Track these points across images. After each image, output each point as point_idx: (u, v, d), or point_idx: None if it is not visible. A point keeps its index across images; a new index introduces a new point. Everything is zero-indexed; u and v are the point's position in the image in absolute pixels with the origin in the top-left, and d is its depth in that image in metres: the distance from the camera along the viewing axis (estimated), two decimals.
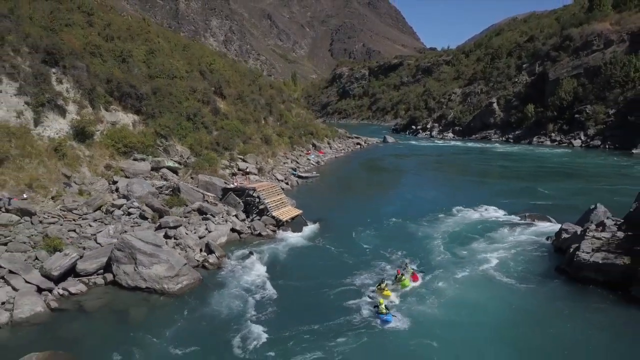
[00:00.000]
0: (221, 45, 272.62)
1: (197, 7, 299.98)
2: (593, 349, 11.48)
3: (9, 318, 12.56)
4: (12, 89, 21.22)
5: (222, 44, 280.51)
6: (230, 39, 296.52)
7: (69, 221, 17.49)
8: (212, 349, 11.51)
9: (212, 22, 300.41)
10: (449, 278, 15.49)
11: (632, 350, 11.39)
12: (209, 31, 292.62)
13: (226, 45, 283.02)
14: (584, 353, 11.28)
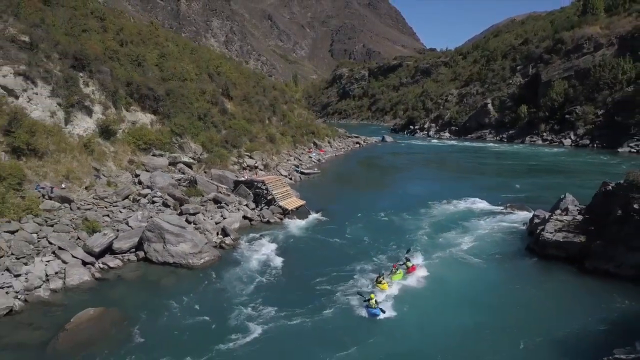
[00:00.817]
0: (222, 45, 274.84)
1: (198, 7, 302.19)
2: (552, 309, 13.85)
3: (62, 284, 15.01)
4: (46, 91, 23.69)
5: (223, 44, 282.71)
6: (231, 39, 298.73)
7: (102, 208, 19.96)
8: (227, 312, 13.65)
9: (213, 22, 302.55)
10: (435, 262, 17.46)
11: (581, 309, 13.78)
12: (210, 32, 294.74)
13: (227, 45, 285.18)
14: (545, 313, 13.63)
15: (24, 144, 19.77)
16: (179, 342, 11.96)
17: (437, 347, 11.71)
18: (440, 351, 11.46)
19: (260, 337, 12.16)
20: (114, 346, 11.77)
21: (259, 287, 15.69)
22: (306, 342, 11.97)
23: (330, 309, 13.83)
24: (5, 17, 24.64)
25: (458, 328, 12.65)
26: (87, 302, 13.83)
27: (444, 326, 12.85)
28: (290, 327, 12.73)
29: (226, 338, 12.01)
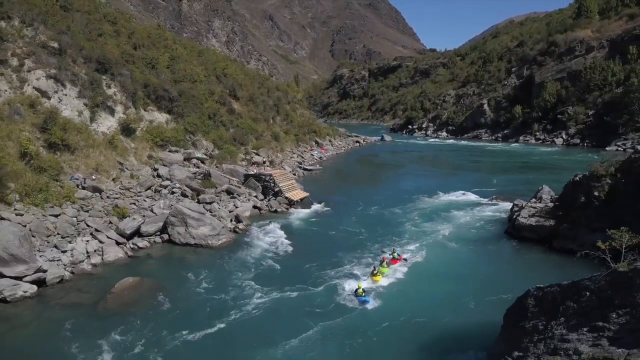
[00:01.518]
0: (223, 46, 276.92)
1: (199, 8, 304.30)
2: (522, 280, 16.19)
3: (101, 260, 17.43)
4: (74, 92, 26.14)
5: (224, 44, 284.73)
6: (232, 40, 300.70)
7: (128, 197, 22.40)
8: (238, 286, 15.74)
9: (214, 23, 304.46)
10: (422, 246, 19.66)
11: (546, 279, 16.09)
12: (211, 32, 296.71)
13: (228, 46, 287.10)
14: (516, 284, 15.94)
15: (59, 140, 22.21)
16: (199, 307, 14.21)
17: (415, 313, 13.63)
18: (418, 315, 13.57)
19: (263, 306, 14.09)
20: (149, 308, 14.13)
21: (267, 266, 18.00)
22: (299, 313, 13.69)
23: (325, 287, 15.55)
24: (36, 25, 27.06)
25: (436, 297, 14.82)
26: (123, 274, 16.22)
27: (423, 297, 14.92)
28: (289, 300, 14.58)
29: (236, 306, 14.11)
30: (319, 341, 12.03)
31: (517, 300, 9.13)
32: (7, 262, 14.66)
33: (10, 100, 22.39)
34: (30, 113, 22.87)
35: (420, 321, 13.10)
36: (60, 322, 13.22)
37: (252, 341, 12.02)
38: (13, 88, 23.34)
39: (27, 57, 25.05)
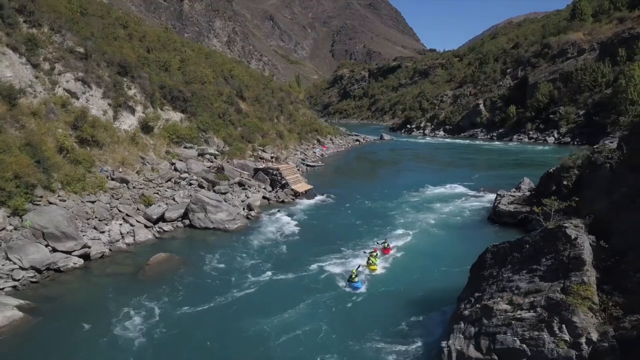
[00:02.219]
0: (224, 46, 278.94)
1: (200, 8, 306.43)
2: None
3: (133, 240, 20.00)
4: (99, 93, 28.72)
5: (225, 44, 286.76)
6: (233, 40, 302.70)
7: (151, 187, 24.98)
8: (251, 263, 18.19)
9: (215, 23, 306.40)
10: (414, 234, 21.69)
11: None
12: (212, 32, 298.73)
13: (229, 46, 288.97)
14: None
15: (89, 136, 24.79)
16: (217, 279, 16.61)
17: (403, 285, 16.00)
18: (405, 286, 16.00)
19: (270, 281, 16.29)
20: (178, 277, 16.63)
21: (275, 248, 20.38)
22: (301, 289, 15.66)
23: (325, 268, 17.57)
24: (63, 32, 29.65)
25: (422, 272, 16.91)
26: (154, 251, 18.78)
27: (411, 273, 17.11)
28: (293, 278, 16.67)
29: (247, 280, 16.29)
30: (313, 311, 13.95)
31: (479, 256, 11.72)
32: (59, 238, 17.27)
33: (45, 100, 24.97)
34: (62, 112, 25.46)
35: (406, 290, 15.49)
36: (106, 287, 15.84)
37: (258, 309, 14.09)
38: (46, 90, 25.91)
39: (57, 61, 27.60)
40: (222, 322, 13.21)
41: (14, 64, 24.80)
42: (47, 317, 13.49)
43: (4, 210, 17.43)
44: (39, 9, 29.22)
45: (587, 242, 9.40)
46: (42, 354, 11.70)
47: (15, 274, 15.32)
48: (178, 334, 12.56)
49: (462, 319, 10.50)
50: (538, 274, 9.62)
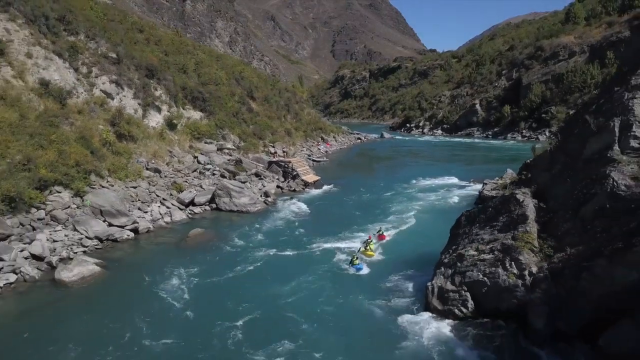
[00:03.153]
0: (226, 46, 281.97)
1: (202, 9, 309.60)
2: None
3: (170, 219, 23.50)
4: (130, 94, 32.23)
5: (227, 45, 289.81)
6: (234, 40, 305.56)
7: (180, 176, 28.49)
8: (270, 240, 21.63)
9: (217, 23, 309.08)
10: (408, 217, 25.35)
11: None
12: (214, 32, 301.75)
13: (231, 46, 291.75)
14: None
15: (126, 132, 28.31)
16: (241, 251, 19.72)
17: (397, 258, 19.81)
18: (398, 259, 19.60)
19: (285, 256, 19.10)
20: (213, 248, 20.05)
21: (289, 227, 23.73)
22: (309, 264, 18.17)
23: (330, 246, 20.38)
24: (97, 39, 33.18)
25: (413, 248, 20.05)
26: (189, 228, 22.32)
27: (404, 250, 20.26)
28: (304, 254, 19.37)
29: (266, 254, 19.20)
30: (321, 277, 16.83)
31: (456, 220, 15.23)
32: (114, 215, 20.81)
33: (87, 100, 28.50)
34: (101, 110, 28.98)
35: (400, 260, 18.42)
36: (156, 253, 19.38)
37: (274, 275, 16.88)
38: (86, 91, 29.43)
39: (94, 65, 31.12)
40: (245, 283, 16.21)
41: (59, 68, 28.32)
42: (115, 271, 17.03)
43: (69, 191, 20.96)
44: (75, 18, 32.80)
45: (531, 204, 12.91)
46: (116, 293, 15.28)
47: (84, 242, 18.84)
48: (211, 289, 15.69)
49: (442, 265, 14.03)
50: (497, 228, 13.15)
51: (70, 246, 18.29)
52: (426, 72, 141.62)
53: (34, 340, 12.14)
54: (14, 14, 28.19)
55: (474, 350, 11.93)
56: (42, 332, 12.59)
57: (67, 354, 11.51)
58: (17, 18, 28.11)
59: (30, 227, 18.31)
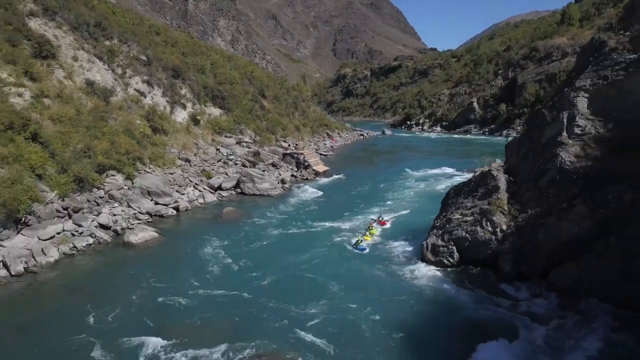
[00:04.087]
0: (228, 45, 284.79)
1: (205, 7, 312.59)
2: None
3: (203, 201, 27.29)
4: (159, 92, 36.01)
5: (229, 43, 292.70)
6: (237, 38, 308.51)
7: (208, 165, 32.30)
8: (289, 218, 25.47)
9: (219, 22, 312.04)
10: (407, 201, 29.50)
11: None
12: (216, 31, 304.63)
13: (233, 45, 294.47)
14: None
15: (159, 126, 32.10)
16: (265, 225, 23.43)
17: (396, 235, 23.69)
18: (397, 231, 23.50)
19: (300, 232, 22.71)
20: (243, 223, 23.77)
21: (304, 209, 27.37)
22: (320, 240, 21.62)
23: (338, 225, 24.02)
24: (129, 43, 36.94)
25: (410, 224, 24.15)
26: (221, 208, 26.13)
27: (401, 227, 24.29)
28: (317, 232, 22.88)
29: (287, 228, 23.07)
30: (330, 250, 20.60)
31: (446, 193, 19.02)
32: (159, 195, 24.64)
33: (124, 98, 32.29)
34: (136, 107, 32.77)
35: (399, 236, 22.45)
36: (197, 225, 23.19)
37: (292, 247, 20.17)
38: (122, 90, 33.20)
39: (127, 67, 34.91)
40: (271, 251, 19.66)
41: (100, 70, 32.11)
42: (168, 237, 20.86)
43: (121, 175, 24.78)
44: (109, 24, 36.59)
45: (503, 178, 16.71)
46: (171, 253, 19.10)
47: (138, 216, 22.67)
48: (244, 254, 19.14)
49: (435, 228, 17.85)
50: (477, 197, 16.96)
51: (127, 219, 22.10)
52: (426, 71, 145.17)
53: (112, 284, 15.92)
54: (60, 22, 31.97)
55: (458, 288, 15.73)
56: (118, 279, 16.39)
57: (138, 293, 15.15)
58: (62, 25, 31.89)
59: (95, 203, 22.12)
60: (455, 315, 14.11)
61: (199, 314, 13.73)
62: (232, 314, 13.77)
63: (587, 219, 14.22)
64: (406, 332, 13.01)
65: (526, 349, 12.42)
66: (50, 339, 12.13)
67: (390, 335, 12.85)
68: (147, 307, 14.09)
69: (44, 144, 21.93)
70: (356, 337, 12.72)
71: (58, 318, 13.35)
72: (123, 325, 12.89)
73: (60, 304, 14.35)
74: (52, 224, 18.86)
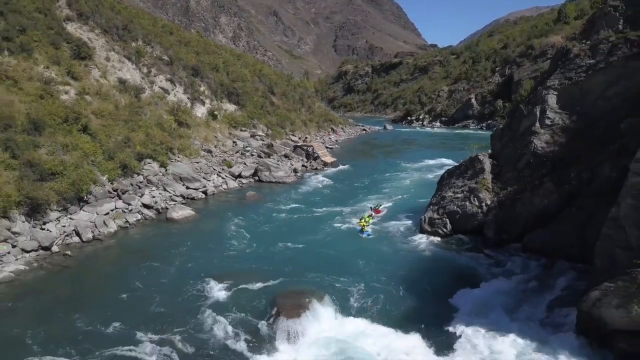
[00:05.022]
0: (230, 41, 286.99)
1: (206, 4, 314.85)
2: None
3: (226, 187, 30.68)
4: (181, 90, 39.31)
5: (230, 40, 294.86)
6: (238, 35, 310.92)
7: (227, 156, 35.67)
8: (302, 202, 29.04)
9: (221, 19, 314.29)
10: (406, 189, 32.98)
11: None
12: (218, 28, 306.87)
13: (235, 41, 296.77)
14: None
15: (183, 120, 35.44)
16: (284, 208, 26.88)
17: (396, 216, 27.16)
18: (398, 212, 26.93)
19: (312, 213, 26.05)
20: (265, 204, 27.10)
21: (315, 194, 30.75)
22: (331, 219, 25.32)
23: (345, 209, 28.19)
24: (153, 44, 40.21)
25: (407, 206, 27.89)
26: (244, 192, 29.54)
27: (400, 211, 28.14)
28: (327, 213, 26.12)
29: (300, 211, 26.64)
30: (341, 230, 24.71)
31: (441, 176, 22.40)
32: (190, 180, 28.04)
33: (151, 95, 35.60)
34: (162, 103, 36.10)
35: (399, 216, 26.26)
36: (223, 206, 26.59)
37: (306, 227, 23.16)
38: (149, 87, 36.50)
39: (152, 66, 38.19)
40: (289, 229, 22.62)
41: (129, 69, 35.41)
42: (203, 215, 24.29)
43: (156, 163, 28.16)
44: (135, 27, 39.84)
45: (488, 162, 20.09)
46: (206, 227, 22.46)
47: (173, 198, 26.07)
48: (267, 231, 22.65)
49: (431, 204, 21.27)
50: (466, 177, 20.36)
51: (164, 200, 25.50)
52: (426, 68, 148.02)
53: (164, 248, 19.32)
54: (92, 26, 35.24)
55: (451, 252, 19.13)
56: (168, 244, 19.78)
57: (186, 254, 18.54)
58: (95, 29, 35.16)
59: (137, 187, 25.51)
60: (449, 271, 17.49)
61: (239, 265, 17.22)
62: (263, 267, 17.14)
63: (554, 193, 17.60)
64: (409, 283, 16.39)
65: (504, 293, 15.78)
66: (120, 288, 15.35)
67: (396, 285, 16.21)
68: (196, 262, 17.52)
69: (92, 135, 25.31)
70: (368, 286, 16.02)
71: (125, 272, 16.73)
72: (180, 276, 16.26)
73: (125, 262, 17.79)
74: (106, 202, 22.28)
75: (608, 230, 12.93)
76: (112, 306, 13.86)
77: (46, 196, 18.73)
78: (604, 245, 12.87)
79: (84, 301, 14.37)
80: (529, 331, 13.20)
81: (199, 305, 13.96)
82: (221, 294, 14.70)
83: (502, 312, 14.41)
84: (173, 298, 14.54)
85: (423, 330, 13.20)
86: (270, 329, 12.65)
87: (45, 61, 28.13)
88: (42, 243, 17.65)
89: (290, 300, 13.72)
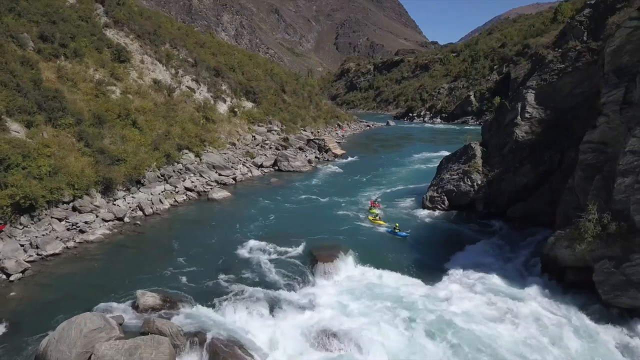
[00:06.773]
0: (232, 39, 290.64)
1: (209, 2, 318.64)
2: None
3: (250, 175, 34.79)
4: (205, 89, 43.40)
5: (233, 38, 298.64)
6: (240, 33, 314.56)
7: (250, 148, 39.80)
8: (317, 187, 33.26)
9: (223, 17, 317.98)
10: (409, 176, 37.24)
11: None
12: (220, 26, 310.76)
13: (237, 39, 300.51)
14: None
15: (210, 116, 39.55)
16: (298, 192, 31.23)
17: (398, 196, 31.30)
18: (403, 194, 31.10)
19: (326, 199, 30.66)
20: (286, 188, 31.27)
21: (329, 181, 34.88)
22: (342, 205, 30.73)
23: (355, 197, 32.98)
24: (179, 48, 44.29)
25: (411, 190, 32.10)
26: (267, 179, 33.69)
27: (405, 194, 32.33)
28: (338, 201, 31.00)
29: (316, 196, 31.07)
30: (352, 211, 29.10)
31: (440, 161, 26.54)
32: (222, 168, 32.21)
33: (181, 94, 39.69)
34: (190, 101, 40.19)
35: (405, 196, 30.45)
36: (252, 189, 30.72)
37: (320, 211, 27.70)
38: (177, 87, 40.58)
39: (179, 68, 42.26)
40: (308, 208, 27.12)
41: (161, 71, 39.51)
42: (236, 196, 28.44)
43: (192, 153, 32.30)
44: (162, 32, 43.90)
45: (479, 149, 24.19)
46: (240, 205, 26.59)
47: (209, 183, 30.22)
48: (292, 207, 27.09)
49: (432, 185, 25.41)
50: (461, 162, 24.49)
51: (202, 184, 29.65)
52: (427, 66, 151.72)
53: (211, 219, 23.51)
54: (127, 31, 39.31)
55: (449, 223, 23.28)
56: (215, 216, 23.97)
57: (229, 223, 22.72)
58: (129, 34, 39.24)
59: (178, 173, 29.67)
60: (447, 236, 21.64)
61: (276, 231, 21.38)
62: (295, 232, 21.20)
63: (531, 173, 21.73)
64: (414, 245, 20.55)
65: (491, 250, 19.89)
66: (185, 245, 19.48)
67: (403, 246, 20.39)
68: (241, 229, 21.70)
69: (140, 128, 29.46)
70: (381, 245, 20.21)
71: (186, 235, 20.89)
72: (231, 238, 20.41)
73: (184, 228, 21.97)
74: (157, 185, 26.46)
75: (566, 197, 17.11)
76: (183, 256, 18.02)
77: (117, 177, 22.90)
78: (562, 208, 17.05)
79: (161, 254, 18.54)
80: (508, 273, 17.41)
81: (252, 257, 18.14)
82: (268, 248, 18.90)
83: (489, 262, 18.59)
84: (229, 251, 18.72)
85: (427, 275, 17.36)
86: (311, 270, 16.84)
87: (93, 64, 32.23)
88: (117, 215, 21.82)
89: (324, 251, 17.92)
